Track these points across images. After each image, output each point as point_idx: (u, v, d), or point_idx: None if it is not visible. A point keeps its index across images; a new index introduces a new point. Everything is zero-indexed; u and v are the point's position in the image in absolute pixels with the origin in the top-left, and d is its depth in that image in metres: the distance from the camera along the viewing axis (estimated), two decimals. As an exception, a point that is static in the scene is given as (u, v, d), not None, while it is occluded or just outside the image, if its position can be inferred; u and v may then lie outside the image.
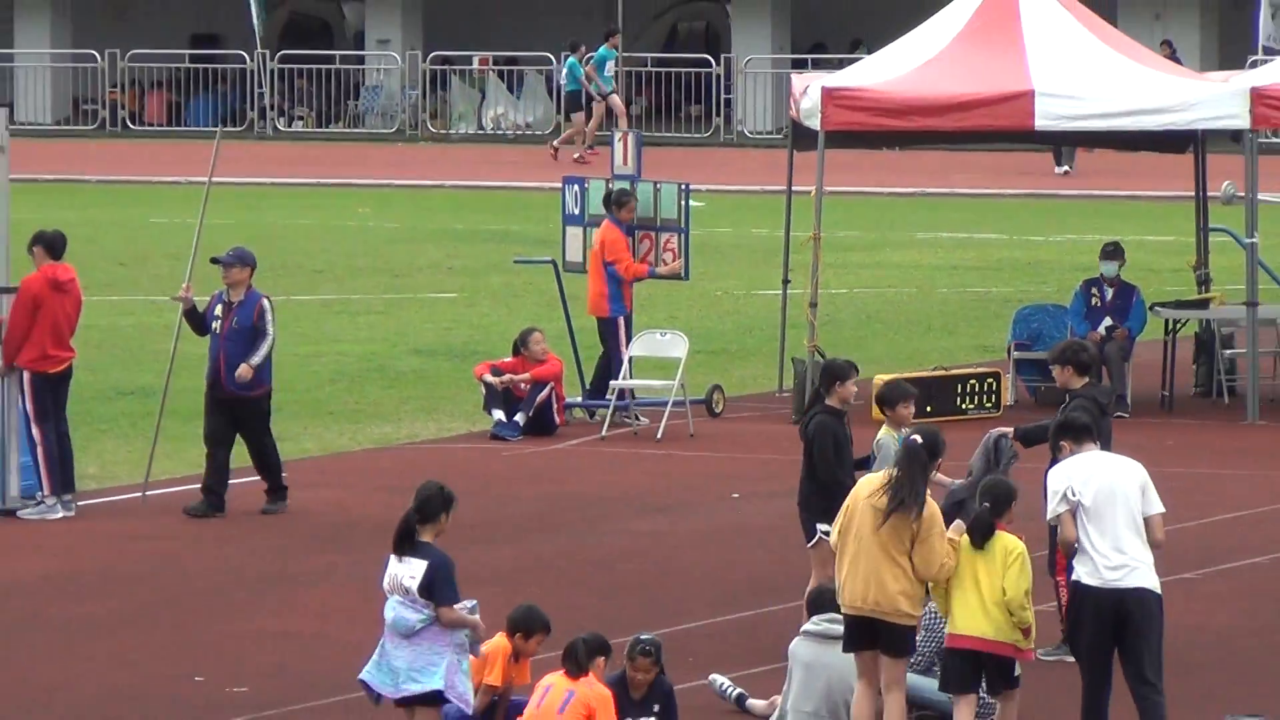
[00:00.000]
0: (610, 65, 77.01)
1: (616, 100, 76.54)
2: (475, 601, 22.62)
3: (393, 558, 22.56)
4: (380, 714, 24.44)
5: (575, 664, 22.87)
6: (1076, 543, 22.70)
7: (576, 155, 71.02)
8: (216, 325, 33.80)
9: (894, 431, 25.89)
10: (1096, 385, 28.00)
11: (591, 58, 75.18)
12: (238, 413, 34.14)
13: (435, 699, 22.29)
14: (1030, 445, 25.03)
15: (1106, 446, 25.99)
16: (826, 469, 26.48)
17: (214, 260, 34.39)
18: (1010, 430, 27.12)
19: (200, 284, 35.46)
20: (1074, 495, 22.78)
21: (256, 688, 26.09)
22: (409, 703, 22.39)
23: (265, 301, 33.91)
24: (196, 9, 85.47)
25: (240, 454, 36.58)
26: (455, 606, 22.12)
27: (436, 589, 22.16)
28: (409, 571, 22.35)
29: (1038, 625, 22.82)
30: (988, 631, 22.45)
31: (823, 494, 26.47)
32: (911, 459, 22.82)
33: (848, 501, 22.83)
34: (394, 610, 22.42)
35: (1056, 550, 25.52)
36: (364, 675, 22.90)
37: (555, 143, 71.50)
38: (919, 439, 23.21)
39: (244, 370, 33.32)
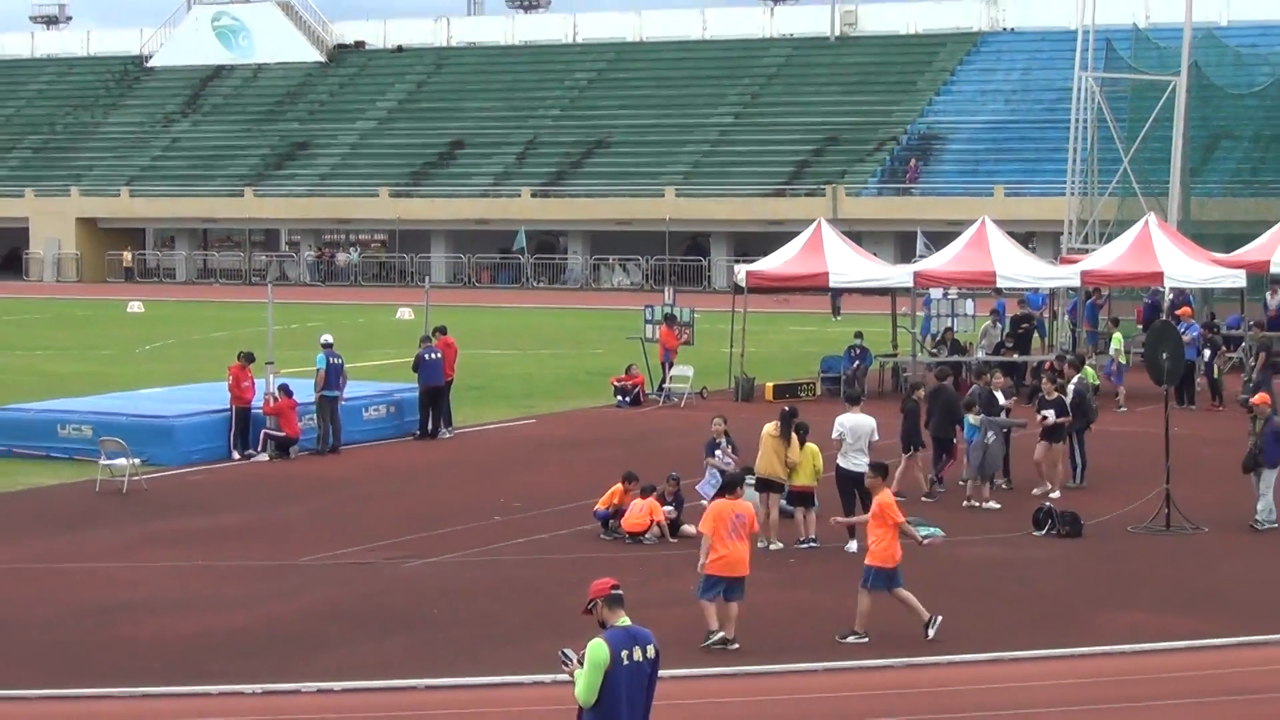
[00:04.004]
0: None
1: None
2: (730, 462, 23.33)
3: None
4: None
5: (647, 491, 22.92)
6: (841, 450, 22.64)
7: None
8: (429, 358, 33.08)
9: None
10: (947, 383, 27.69)
11: None
12: (439, 390, 33.19)
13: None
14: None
15: (952, 406, 26.49)
16: (916, 425, 26.46)
17: (424, 337, 33.98)
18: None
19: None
20: (845, 436, 22.71)
21: (524, 502, 25.77)
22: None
23: (432, 354, 33.32)
24: (504, 240, 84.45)
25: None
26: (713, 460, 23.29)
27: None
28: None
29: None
30: (808, 481, 22.60)
31: (914, 435, 26.40)
32: (784, 420, 22.70)
33: (762, 432, 22.91)
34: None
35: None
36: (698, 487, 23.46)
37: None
38: (787, 410, 23.16)
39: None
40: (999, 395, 26.82)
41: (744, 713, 15.85)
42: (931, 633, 17.75)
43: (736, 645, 17.48)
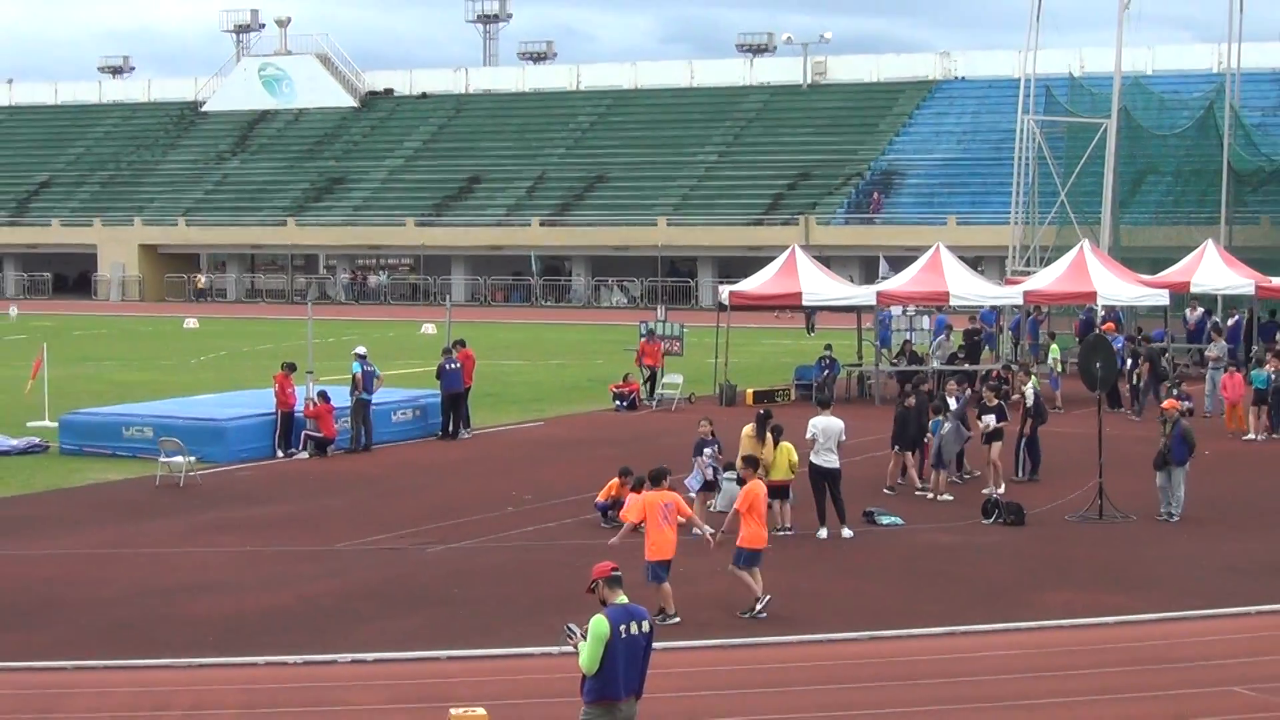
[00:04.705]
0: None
1: None
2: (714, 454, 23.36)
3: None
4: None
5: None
6: (813, 448, 22.49)
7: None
8: (450, 367, 32.80)
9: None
10: (923, 389, 27.37)
11: None
12: (459, 396, 32.95)
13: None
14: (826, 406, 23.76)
15: (924, 410, 26.03)
16: (906, 427, 25.98)
17: (446, 349, 33.66)
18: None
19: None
20: (817, 436, 22.55)
21: (533, 495, 25.69)
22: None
23: (453, 364, 32.99)
24: (517, 263, 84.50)
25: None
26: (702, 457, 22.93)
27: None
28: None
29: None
30: (786, 475, 22.36)
31: (903, 436, 26.03)
32: (759, 422, 22.62)
33: (742, 433, 22.72)
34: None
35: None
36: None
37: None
38: (762, 412, 23.01)
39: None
40: (951, 400, 26.79)
41: (727, 680, 15.86)
42: (759, 609, 17.74)
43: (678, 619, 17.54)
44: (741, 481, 22.67)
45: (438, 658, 16.45)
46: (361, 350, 32.09)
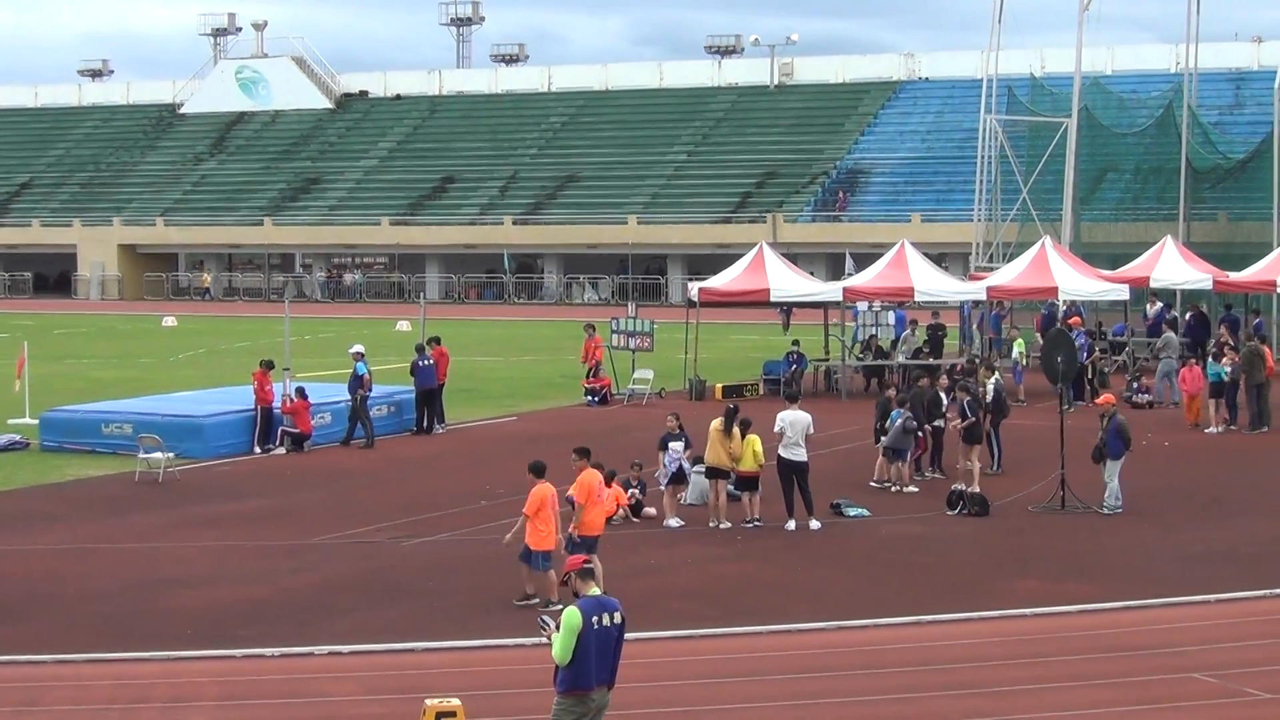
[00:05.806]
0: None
1: None
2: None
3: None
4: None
5: (610, 478, 22.32)
6: (781, 442, 22.43)
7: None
8: (424, 364, 32.62)
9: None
10: (922, 384, 27.35)
11: None
12: (433, 392, 32.79)
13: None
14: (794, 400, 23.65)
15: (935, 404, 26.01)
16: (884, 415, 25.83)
17: (420, 346, 33.41)
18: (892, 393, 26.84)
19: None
20: (784, 430, 22.45)
21: (507, 489, 25.57)
22: None
23: (427, 361, 32.80)
24: (490, 261, 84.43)
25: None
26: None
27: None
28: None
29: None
30: (752, 467, 22.33)
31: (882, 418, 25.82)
32: (728, 416, 22.54)
33: (710, 427, 22.64)
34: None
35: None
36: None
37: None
38: (730, 407, 22.91)
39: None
40: (943, 396, 26.55)
41: (699, 669, 15.83)
42: (518, 603, 17.62)
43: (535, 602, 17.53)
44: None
45: (414, 649, 16.39)
46: (360, 349, 32.35)
